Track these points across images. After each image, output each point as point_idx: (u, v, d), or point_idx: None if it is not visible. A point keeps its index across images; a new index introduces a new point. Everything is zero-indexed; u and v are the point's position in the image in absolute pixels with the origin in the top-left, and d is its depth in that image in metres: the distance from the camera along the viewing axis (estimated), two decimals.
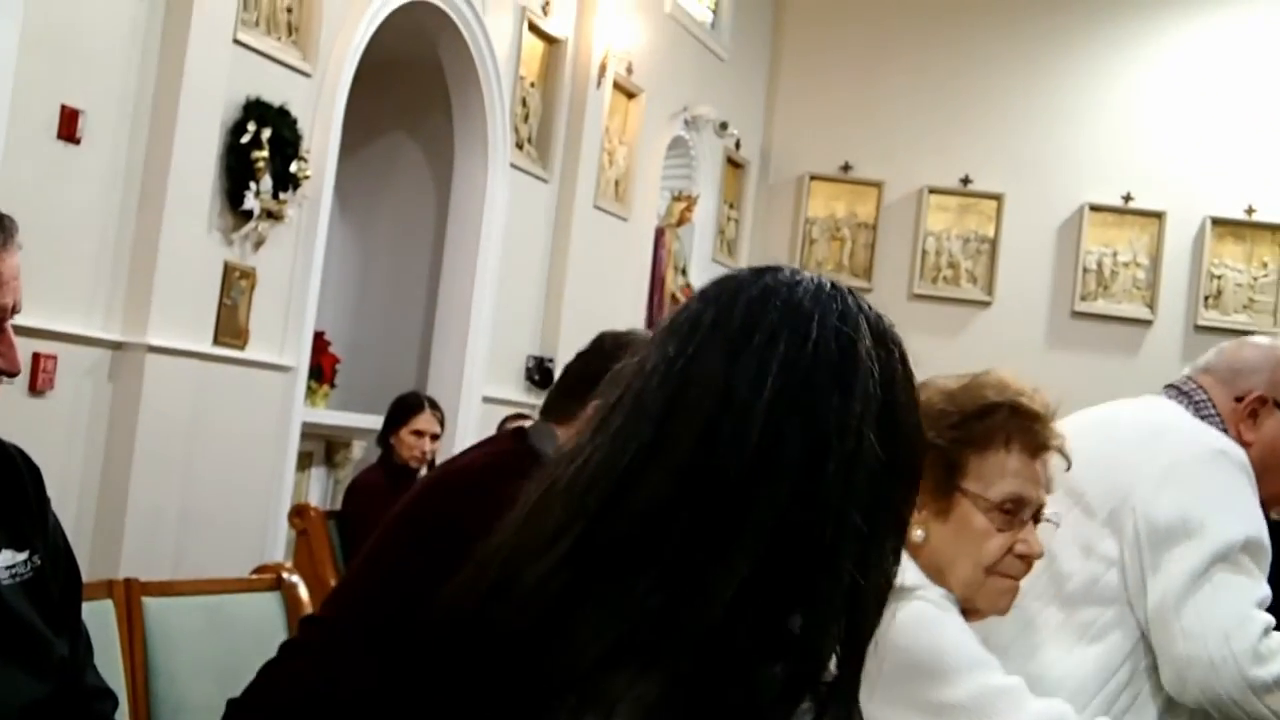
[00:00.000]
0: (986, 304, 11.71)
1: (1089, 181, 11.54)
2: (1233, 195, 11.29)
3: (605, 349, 2.41)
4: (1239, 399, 2.52)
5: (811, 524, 1.06)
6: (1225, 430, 2.49)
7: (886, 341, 1.15)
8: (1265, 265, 11.28)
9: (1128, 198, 11.49)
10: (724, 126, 10.67)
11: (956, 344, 11.02)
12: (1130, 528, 2.30)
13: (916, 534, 1.94)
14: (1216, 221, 11.35)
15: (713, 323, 1.13)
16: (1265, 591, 2.27)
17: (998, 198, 11.66)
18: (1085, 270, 11.55)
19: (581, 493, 1.10)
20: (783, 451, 1.07)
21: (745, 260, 11.67)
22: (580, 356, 2.48)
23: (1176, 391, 2.57)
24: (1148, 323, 11.59)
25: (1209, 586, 2.23)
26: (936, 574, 1.97)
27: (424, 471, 5.78)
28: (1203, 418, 2.50)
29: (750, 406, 1.07)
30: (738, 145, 11.15)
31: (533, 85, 8.24)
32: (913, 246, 11.80)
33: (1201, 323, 11.16)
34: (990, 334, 11.23)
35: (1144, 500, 2.30)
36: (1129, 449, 2.40)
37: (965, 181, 11.72)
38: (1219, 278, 11.36)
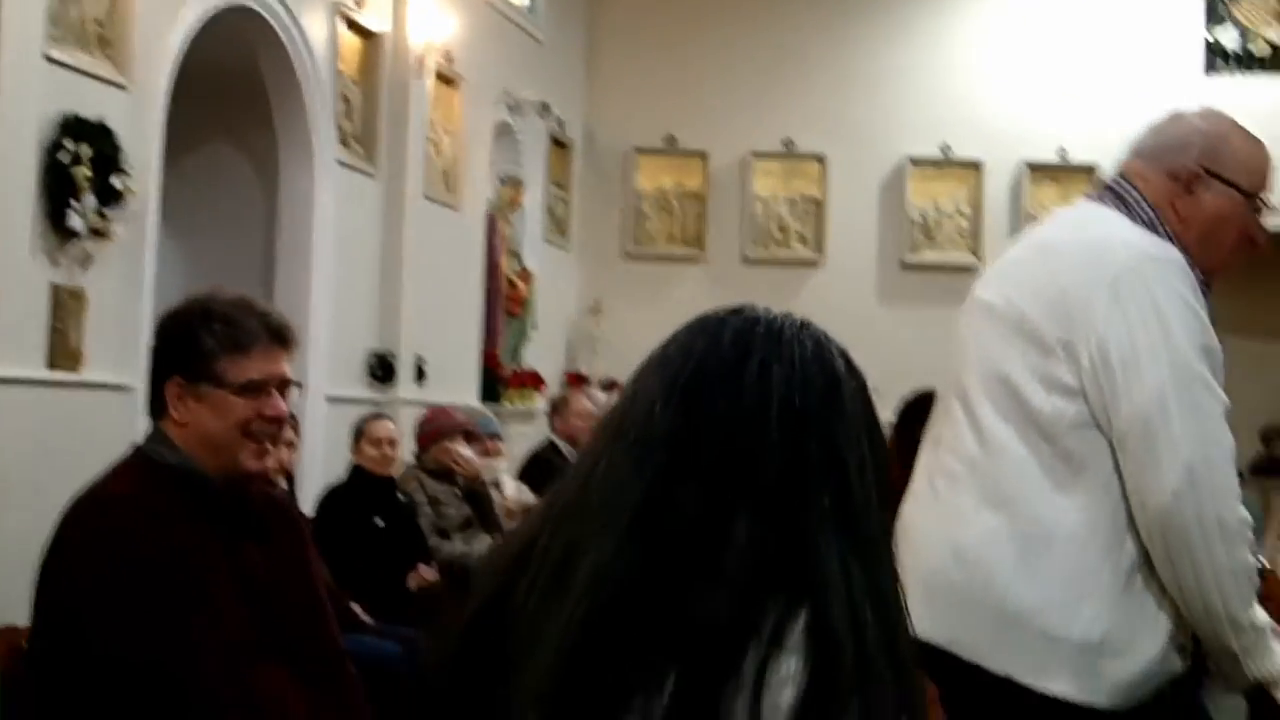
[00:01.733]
0: (818, 264, 11.96)
1: (908, 136, 11.88)
2: (1046, 140, 11.71)
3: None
4: (1174, 176, 2.52)
5: (828, 523, 1.23)
6: (1159, 219, 2.50)
7: (850, 365, 1.31)
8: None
9: (946, 149, 11.81)
10: (546, 108, 10.74)
11: (791, 305, 11.10)
12: (1085, 357, 2.31)
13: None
14: (1032, 166, 11.77)
15: (705, 351, 1.27)
16: (1224, 401, 2.31)
17: (821, 158, 11.92)
18: (911, 223, 11.87)
19: (601, 518, 1.22)
20: (806, 465, 1.23)
21: (577, 240, 11.79)
22: (154, 351, 2.59)
23: (1109, 194, 2.56)
24: (974, 269, 11.89)
25: (1173, 408, 2.25)
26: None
27: (283, 481, 5.76)
28: (1136, 219, 2.50)
29: (764, 426, 1.23)
30: (561, 126, 11.19)
31: (354, 81, 8.21)
32: (742, 213, 11.98)
33: None
34: (823, 293, 11.51)
35: (1093, 327, 2.31)
36: (1070, 274, 2.39)
37: (788, 145, 11.95)
38: (1038, 220, 11.63)
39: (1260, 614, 2.32)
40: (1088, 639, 2.30)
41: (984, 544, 2.35)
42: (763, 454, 1.22)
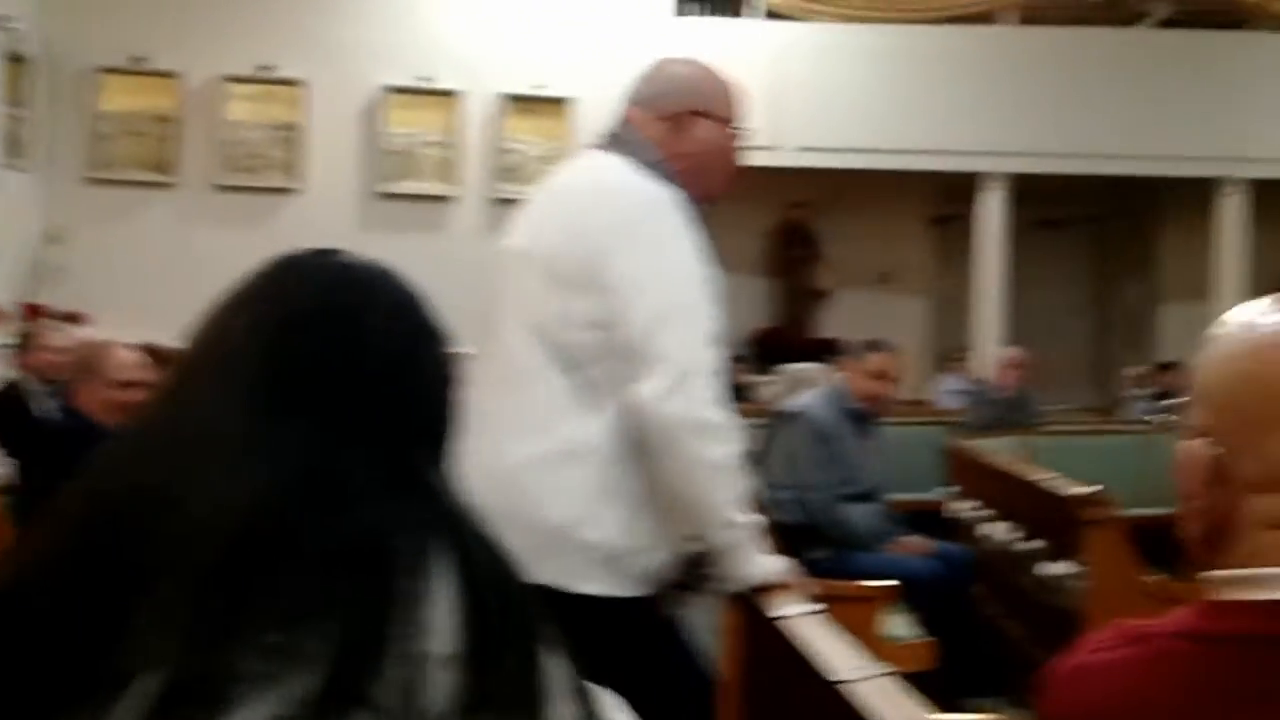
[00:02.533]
0: (296, 191, 11.82)
1: (387, 64, 11.95)
2: (523, 72, 12.00)
3: None
4: (665, 118, 2.78)
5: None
6: (659, 159, 2.73)
7: (433, 314, 1.37)
8: (557, 137, 12.01)
9: (424, 79, 11.85)
10: (4, 21, 9.94)
11: (266, 232, 11.11)
12: (603, 290, 2.55)
13: None
14: (509, 98, 11.98)
15: (296, 294, 1.30)
16: (716, 326, 2.59)
17: (300, 84, 11.70)
18: (389, 152, 11.85)
19: (194, 450, 1.21)
20: (407, 409, 1.29)
21: (38, 163, 11.05)
22: None
23: (614, 141, 2.79)
24: (450, 199, 12.09)
25: (668, 326, 2.52)
26: None
27: None
28: (640, 162, 2.72)
29: (359, 370, 1.27)
30: (20, 39, 10.44)
31: None
32: (216, 137, 11.60)
33: (500, 196, 11.81)
34: (301, 220, 11.42)
35: (608, 262, 2.55)
36: (586, 216, 2.64)
37: (266, 68, 11.66)
38: (513, 152, 11.99)
39: (750, 518, 2.63)
40: (618, 543, 2.57)
41: (521, 469, 2.56)
42: (362, 399, 1.26)
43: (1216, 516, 1.23)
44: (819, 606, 2.50)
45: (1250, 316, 1.26)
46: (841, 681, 1.86)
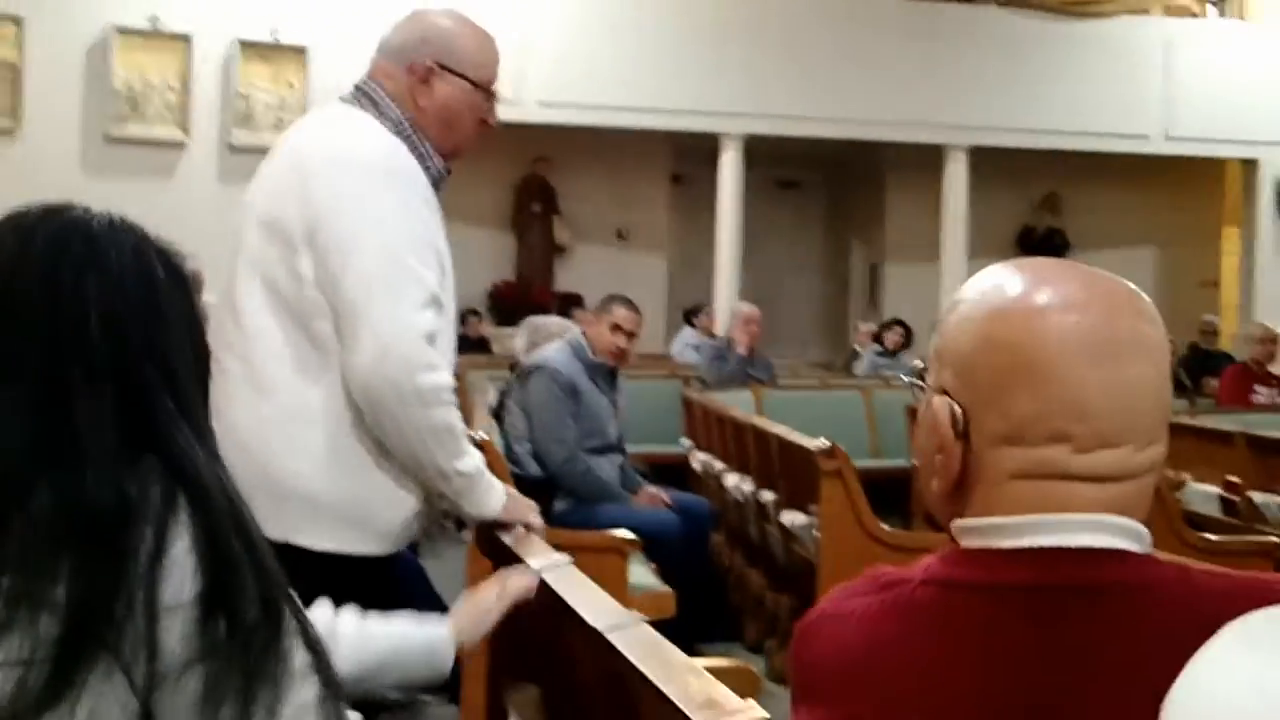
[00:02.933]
0: (13, 133, 11.22)
1: (114, 4, 11.35)
2: (258, 19, 11.68)
3: None
4: (412, 71, 2.73)
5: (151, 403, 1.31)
6: (404, 113, 2.71)
7: (170, 263, 1.38)
8: (291, 85, 11.77)
9: (155, 20, 11.41)
10: None
11: None
12: (321, 250, 2.53)
13: None
14: (244, 44, 11.69)
15: (17, 254, 1.30)
16: (429, 288, 2.57)
17: (17, 20, 11.13)
18: (117, 94, 11.38)
19: None
20: (137, 371, 1.30)
21: None
22: None
23: (360, 94, 2.75)
24: (182, 145, 11.69)
25: (375, 293, 2.49)
26: None
27: None
28: (384, 117, 2.69)
29: (86, 336, 1.28)
30: None
31: None
32: None
33: (234, 142, 11.51)
34: (21, 163, 10.91)
35: (327, 222, 2.52)
36: (312, 175, 2.58)
37: None
38: (248, 98, 11.68)
39: (470, 462, 2.65)
40: (352, 501, 2.57)
41: (254, 429, 2.52)
42: (92, 358, 1.27)
43: (962, 470, 1.26)
44: (566, 557, 2.51)
45: (992, 281, 1.30)
46: (604, 630, 1.86)
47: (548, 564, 2.36)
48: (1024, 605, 1.19)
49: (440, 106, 2.73)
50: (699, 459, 7.33)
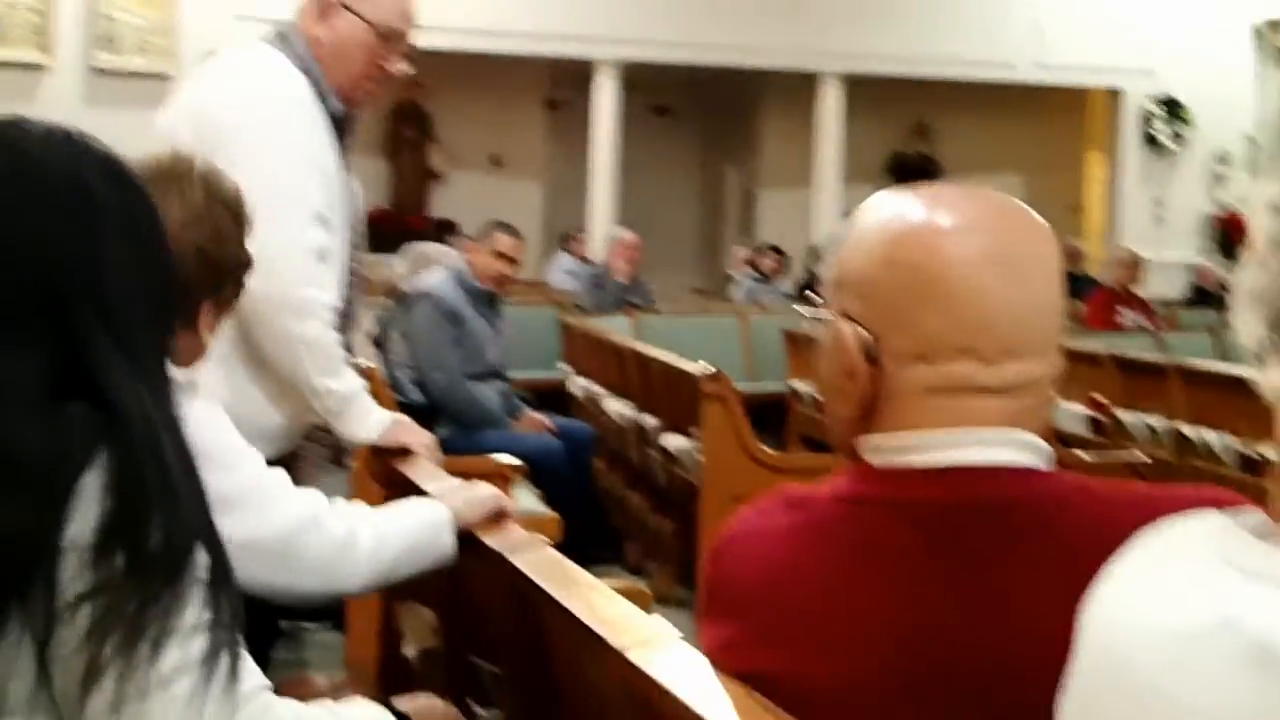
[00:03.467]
0: None
1: None
2: None
3: None
4: (317, 5, 2.86)
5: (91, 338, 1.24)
6: (307, 54, 2.83)
7: (115, 175, 1.32)
8: (158, 8, 11.42)
9: None
10: None
11: None
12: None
13: None
14: None
15: None
16: (316, 210, 2.73)
17: None
18: None
19: None
20: (70, 291, 1.23)
21: None
22: None
23: (278, 35, 2.87)
24: (43, 68, 11.31)
25: (265, 221, 2.43)
26: None
27: None
28: (294, 56, 2.82)
29: (10, 252, 1.23)
30: None
31: None
32: None
33: (98, 65, 11.15)
34: None
35: (217, 154, 2.47)
36: (204, 109, 2.75)
37: None
38: (113, 20, 11.34)
39: (347, 383, 2.76)
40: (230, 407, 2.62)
41: None
42: (16, 282, 1.22)
43: (871, 393, 1.29)
44: (458, 481, 2.52)
45: (889, 207, 1.33)
46: (506, 552, 1.88)
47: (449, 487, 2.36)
48: (936, 522, 1.23)
49: (333, 42, 2.84)
50: (579, 385, 7.36)
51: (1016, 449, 1.24)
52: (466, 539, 2.11)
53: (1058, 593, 1.10)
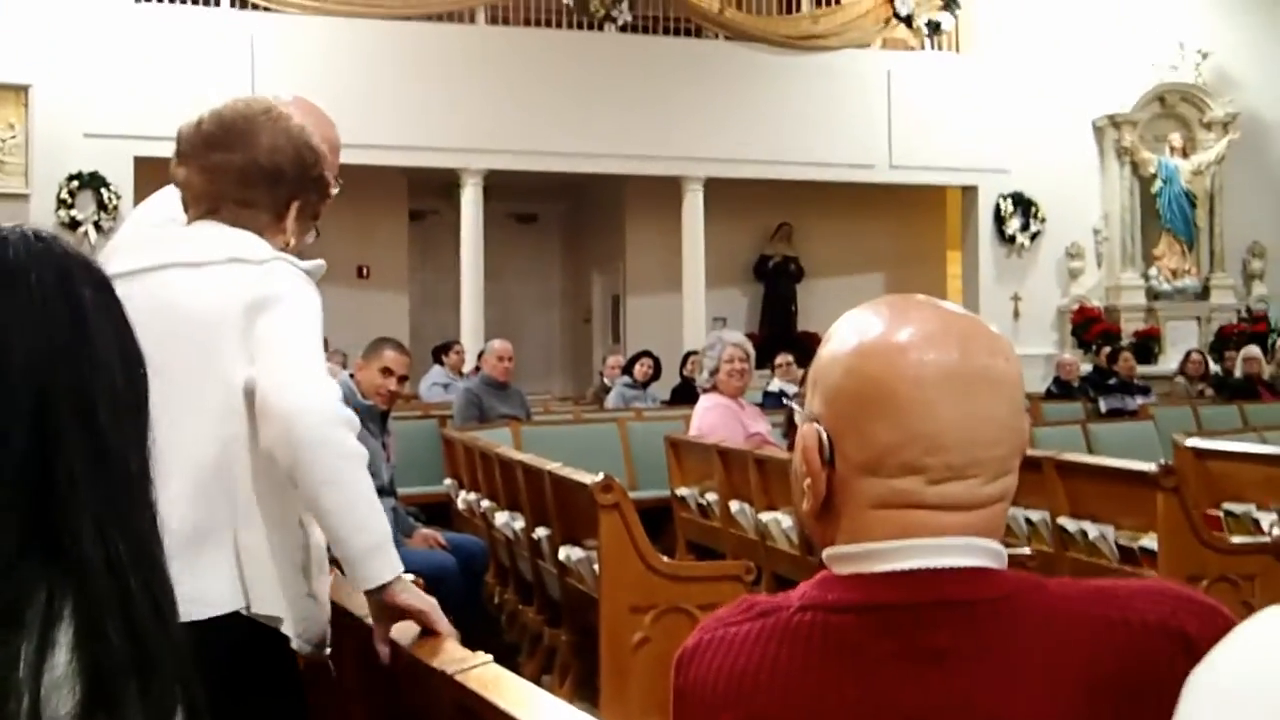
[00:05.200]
0: None
1: None
2: None
3: None
4: None
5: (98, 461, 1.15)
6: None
7: (96, 280, 1.22)
8: (12, 127, 11.36)
9: None
10: None
11: None
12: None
13: None
14: None
15: None
16: None
17: None
18: None
19: None
20: (55, 418, 1.13)
21: None
22: None
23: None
24: None
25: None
26: None
27: None
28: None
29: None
30: None
31: None
32: None
33: None
34: None
35: None
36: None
37: None
38: None
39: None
40: None
41: None
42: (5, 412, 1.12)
43: (828, 495, 1.38)
44: None
45: (862, 317, 1.41)
46: (453, 672, 1.92)
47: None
48: (897, 622, 1.29)
49: None
50: (464, 498, 7.36)
51: (971, 554, 1.31)
52: (408, 665, 2.15)
53: (1023, 685, 1.19)
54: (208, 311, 2.35)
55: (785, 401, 9.74)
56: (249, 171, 2.50)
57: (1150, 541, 5.17)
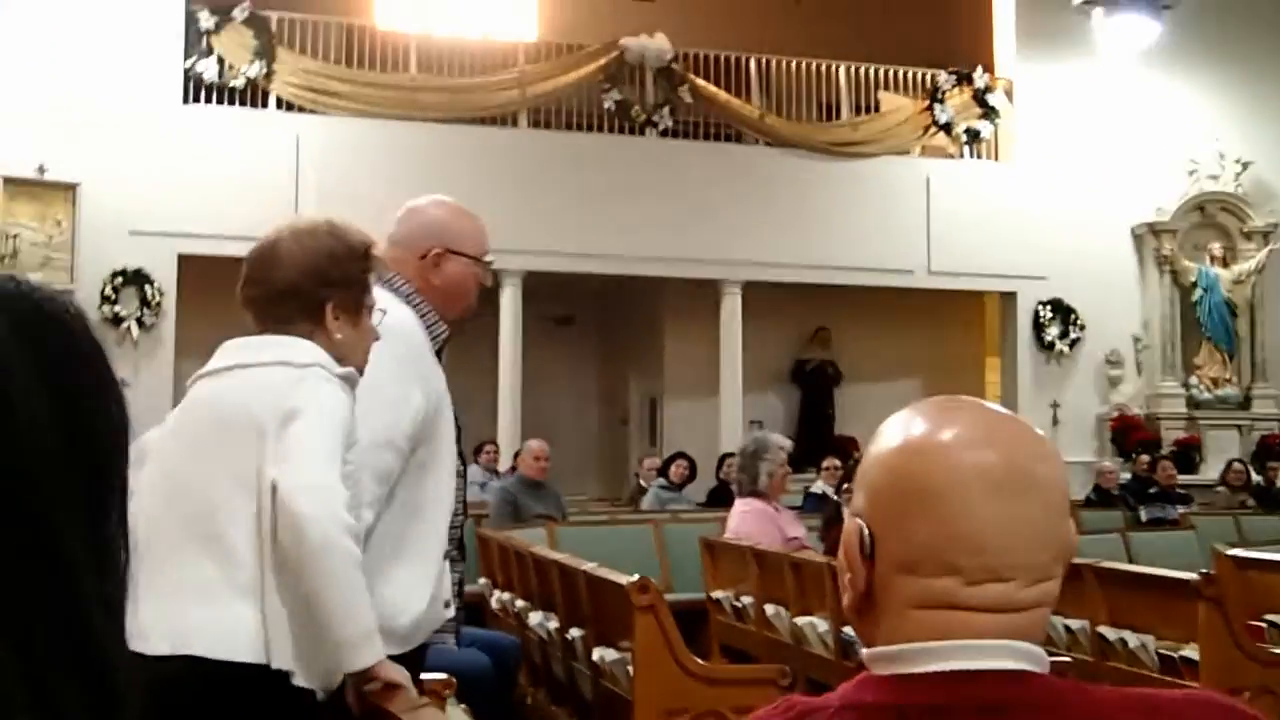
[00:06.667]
0: None
1: None
2: (25, 156, 11.45)
3: None
4: (423, 256, 3.31)
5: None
6: (416, 292, 3.28)
7: (50, 324, 0.97)
8: (59, 223, 11.55)
9: None
10: None
11: None
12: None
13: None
14: (9, 181, 11.50)
15: None
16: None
17: None
18: None
19: None
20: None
21: None
22: None
23: (380, 281, 3.14)
24: None
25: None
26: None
27: None
28: (400, 296, 3.24)
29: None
30: None
31: None
32: None
33: None
34: None
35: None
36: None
37: None
38: (15, 237, 11.43)
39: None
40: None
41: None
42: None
43: (869, 592, 1.40)
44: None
45: (909, 416, 1.44)
46: None
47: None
48: None
49: (450, 283, 3.32)
50: (499, 598, 7.35)
51: (1009, 657, 1.32)
52: None
53: None
54: (250, 406, 2.71)
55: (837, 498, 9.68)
56: (271, 297, 2.88)
57: (1191, 651, 5.12)
